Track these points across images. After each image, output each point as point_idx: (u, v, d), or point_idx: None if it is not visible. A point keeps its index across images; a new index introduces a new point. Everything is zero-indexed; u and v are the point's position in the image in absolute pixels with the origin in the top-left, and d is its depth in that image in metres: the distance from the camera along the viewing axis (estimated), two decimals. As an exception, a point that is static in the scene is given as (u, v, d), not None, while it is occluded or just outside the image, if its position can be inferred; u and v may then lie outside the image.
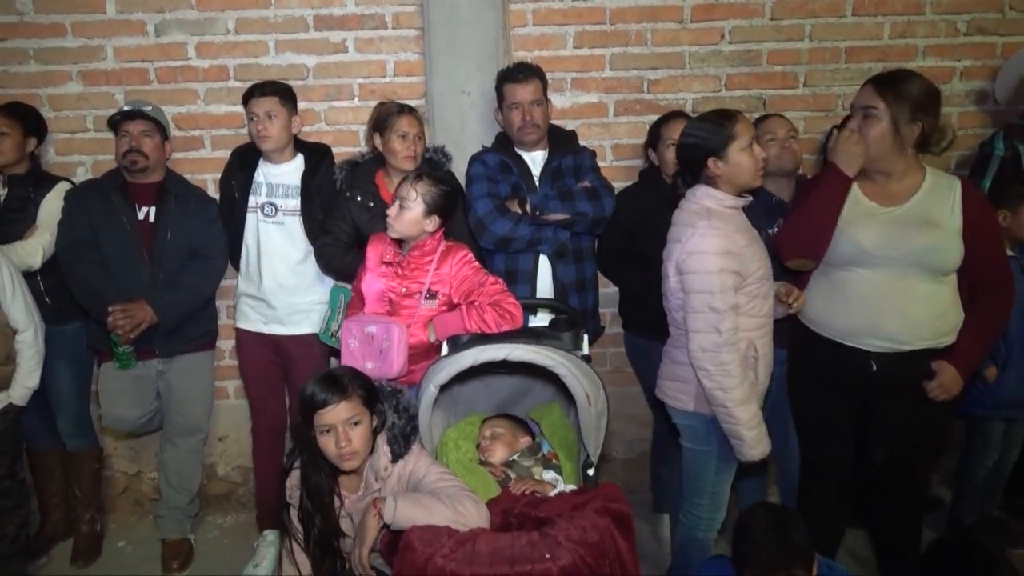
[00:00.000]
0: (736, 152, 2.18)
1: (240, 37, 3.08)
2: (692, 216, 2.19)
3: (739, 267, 2.12)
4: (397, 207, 2.33)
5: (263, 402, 3.01)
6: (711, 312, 2.08)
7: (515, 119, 2.73)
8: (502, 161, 2.77)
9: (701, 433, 2.28)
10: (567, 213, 2.64)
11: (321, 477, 1.97)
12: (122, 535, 3.29)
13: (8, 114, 2.84)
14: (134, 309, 2.69)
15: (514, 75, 2.73)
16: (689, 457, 2.36)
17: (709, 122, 2.23)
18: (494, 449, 2.23)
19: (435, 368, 2.04)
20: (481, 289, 2.37)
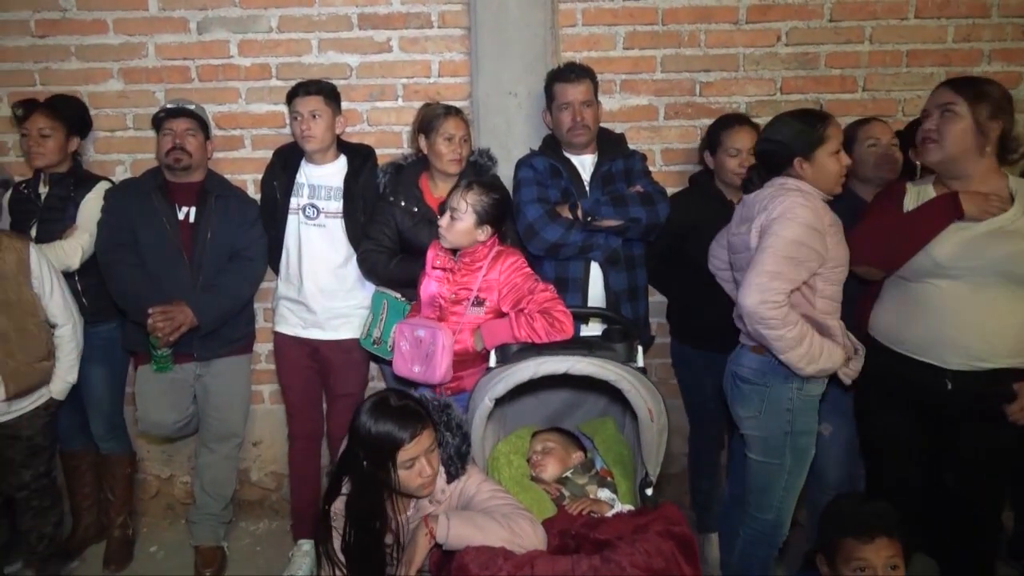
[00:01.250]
0: (824, 156, 2.14)
1: (283, 35, 3.02)
2: (780, 191, 2.18)
3: (820, 247, 2.10)
4: (448, 217, 2.26)
5: (300, 408, 2.94)
6: (768, 275, 2.06)
7: (565, 120, 2.64)
8: (551, 165, 2.68)
9: (773, 445, 2.21)
10: (620, 219, 2.55)
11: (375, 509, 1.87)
12: (154, 540, 3.23)
13: (52, 114, 2.79)
14: (174, 311, 2.63)
15: (565, 74, 2.65)
16: (758, 470, 2.29)
17: (800, 122, 2.20)
18: (546, 464, 2.14)
19: (489, 380, 1.95)
20: (531, 296, 2.29)
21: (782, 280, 2.08)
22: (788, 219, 2.10)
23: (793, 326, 2.10)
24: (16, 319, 2.48)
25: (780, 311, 2.08)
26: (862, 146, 2.60)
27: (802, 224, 2.09)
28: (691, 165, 3.06)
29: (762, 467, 2.27)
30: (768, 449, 2.25)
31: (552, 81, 2.69)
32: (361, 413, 1.87)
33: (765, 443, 2.25)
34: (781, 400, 2.21)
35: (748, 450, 2.31)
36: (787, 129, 2.21)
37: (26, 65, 3.05)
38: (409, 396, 1.92)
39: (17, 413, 2.54)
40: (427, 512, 1.88)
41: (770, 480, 2.26)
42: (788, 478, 2.24)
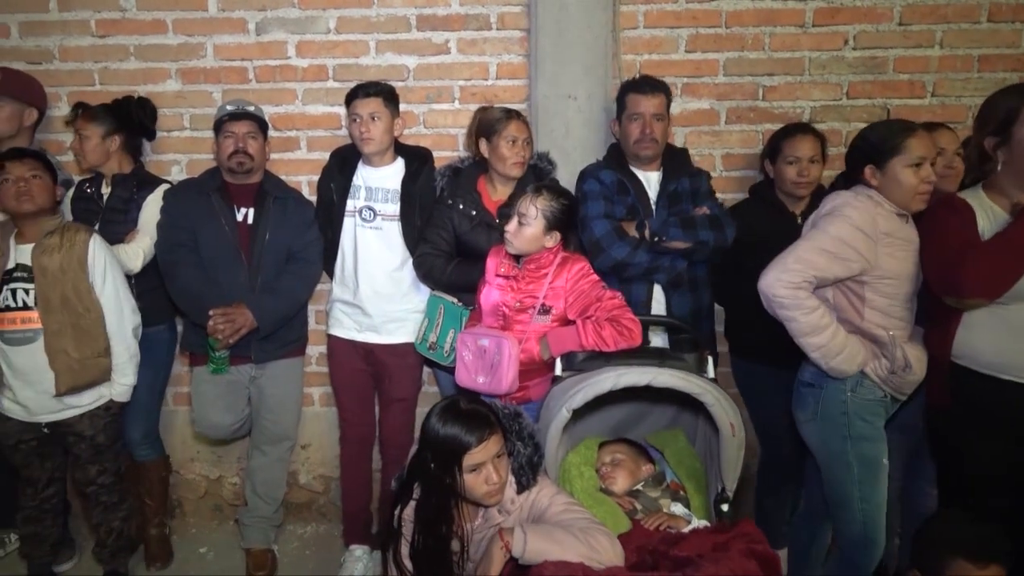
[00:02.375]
0: (898, 166, 2.07)
1: (341, 36, 3.00)
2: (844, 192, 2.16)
3: (866, 251, 2.06)
4: (516, 223, 2.24)
5: (352, 411, 2.92)
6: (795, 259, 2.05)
7: (634, 131, 2.58)
8: (619, 180, 2.62)
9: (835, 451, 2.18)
10: (688, 241, 2.49)
11: (442, 515, 1.83)
12: (203, 540, 3.23)
13: (90, 117, 2.79)
14: (235, 313, 2.61)
15: (640, 86, 2.59)
16: (828, 481, 2.25)
17: (883, 128, 2.16)
18: (616, 477, 2.09)
19: (566, 390, 1.91)
20: (599, 303, 2.25)
21: (805, 265, 2.06)
22: (835, 216, 2.08)
23: (809, 312, 2.07)
24: (73, 313, 2.48)
25: (791, 292, 2.06)
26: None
27: (849, 223, 2.06)
28: (752, 171, 3.00)
29: (831, 477, 2.23)
30: (830, 456, 2.21)
31: (626, 91, 2.63)
32: (432, 415, 1.85)
33: (826, 449, 2.22)
34: (835, 403, 2.18)
35: (816, 458, 2.28)
36: (869, 134, 2.18)
37: (86, 65, 3.06)
38: (480, 401, 1.89)
39: (75, 412, 2.54)
40: (496, 522, 1.84)
41: (843, 491, 2.21)
42: (860, 488, 2.18)
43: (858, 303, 2.14)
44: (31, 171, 2.44)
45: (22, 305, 2.45)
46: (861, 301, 2.14)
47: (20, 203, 2.42)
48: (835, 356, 2.08)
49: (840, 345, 2.08)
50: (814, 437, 2.26)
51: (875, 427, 2.20)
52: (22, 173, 2.42)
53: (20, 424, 2.53)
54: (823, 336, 2.07)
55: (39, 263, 2.44)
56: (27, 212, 2.44)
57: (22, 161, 2.44)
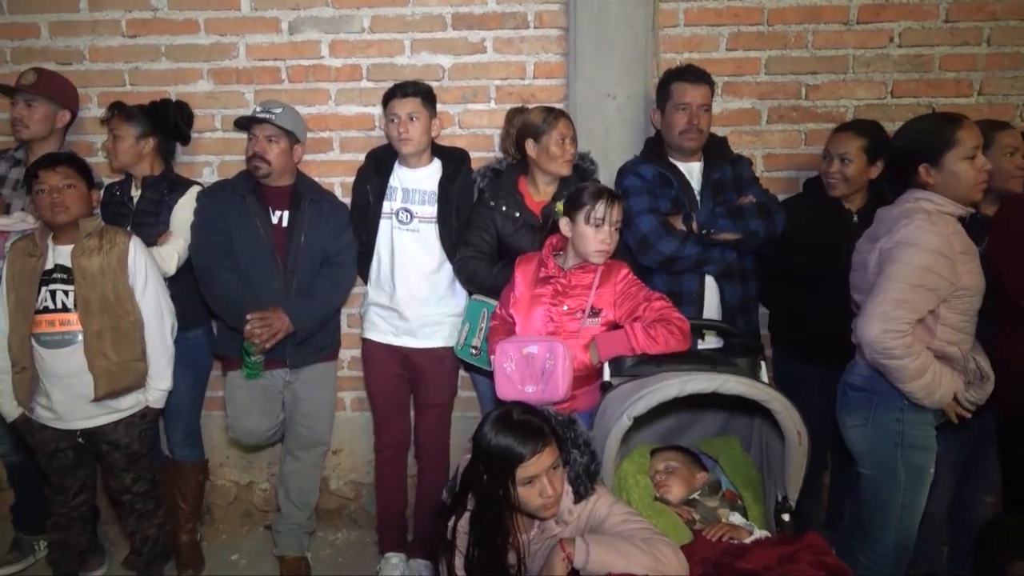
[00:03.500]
0: (954, 160, 2.02)
1: (375, 36, 2.96)
2: (907, 211, 2.09)
3: (949, 274, 2.01)
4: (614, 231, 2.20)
5: (388, 417, 2.87)
6: (893, 304, 1.99)
7: (679, 121, 2.53)
8: (660, 173, 2.57)
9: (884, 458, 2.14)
10: (737, 232, 2.44)
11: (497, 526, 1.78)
12: (234, 547, 3.18)
13: (126, 117, 2.75)
14: (272, 318, 2.57)
15: (687, 74, 2.54)
16: (870, 486, 2.20)
17: (927, 125, 2.12)
18: (670, 485, 2.03)
19: (625, 397, 1.85)
20: (647, 304, 2.21)
21: (906, 309, 2.01)
22: (912, 245, 2.01)
23: (916, 356, 2.02)
24: (112, 316, 2.43)
25: (903, 341, 2.01)
26: (1000, 154, 2.42)
27: (928, 250, 2.00)
28: (792, 171, 2.94)
29: (874, 482, 2.19)
30: (878, 462, 2.17)
31: (671, 80, 2.58)
32: (484, 425, 1.79)
33: (874, 456, 2.18)
34: (889, 410, 2.13)
35: (859, 465, 2.24)
36: (912, 134, 2.13)
37: (116, 65, 3.02)
38: (534, 411, 1.83)
39: (110, 419, 2.49)
40: (553, 533, 1.79)
41: (885, 497, 2.17)
42: (904, 495, 2.14)
43: (931, 321, 2.08)
44: (65, 180, 2.37)
45: (61, 307, 2.40)
46: (935, 319, 2.08)
47: (55, 214, 2.37)
48: (937, 390, 2.04)
49: (939, 377, 2.04)
50: (862, 442, 2.22)
51: (927, 435, 2.16)
52: (56, 183, 2.36)
53: (56, 433, 2.49)
54: (928, 374, 2.03)
55: (79, 264, 2.40)
56: (62, 223, 2.39)
57: (56, 170, 2.37)
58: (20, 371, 2.43)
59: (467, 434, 3.02)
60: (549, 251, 2.31)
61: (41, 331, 2.40)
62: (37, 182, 2.36)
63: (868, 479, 2.22)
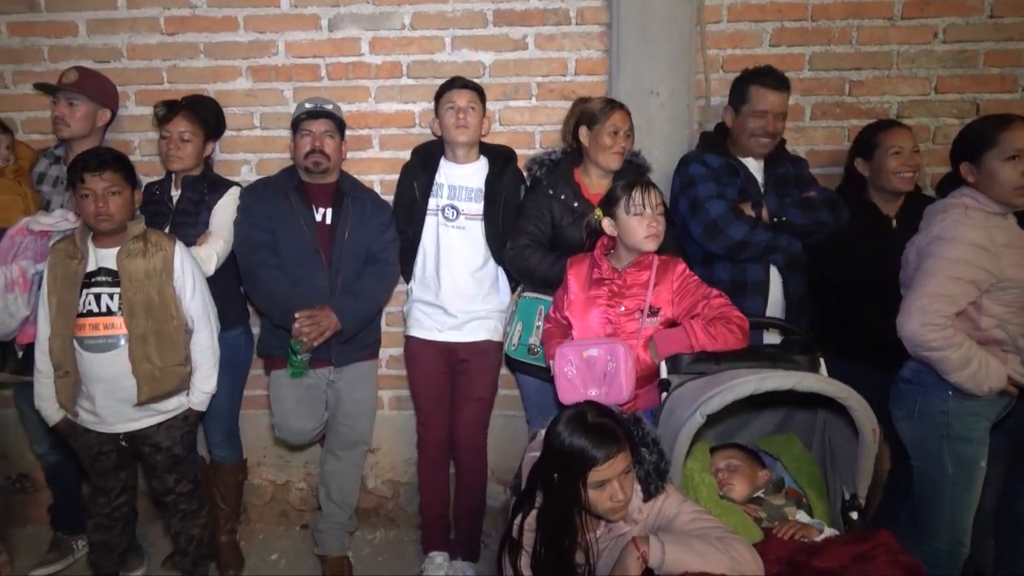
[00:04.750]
0: (993, 161, 2.06)
1: (416, 32, 2.94)
2: (946, 206, 2.13)
3: (990, 266, 2.03)
4: (655, 215, 2.17)
5: (431, 415, 2.84)
6: (931, 298, 2.02)
7: (754, 126, 2.50)
8: (727, 163, 2.56)
9: (931, 450, 2.15)
10: (808, 221, 2.44)
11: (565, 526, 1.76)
12: (272, 547, 3.17)
13: (193, 117, 2.73)
14: (320, 316, 2.55)
15: (768, 79, 2.49)
16: (921, 480, 2.21)
17: (977, 123, 2.16)
18: (733, 483, 2.01)
19: (696, 394, 1.83)
20: (706, 302, 2.20)
21: (944, 302, 2.03)
22: (948, 239, 2.05)
23: (958, 347, 2.04)
24: (157, 320, 2.39)
25: (942, 333, 2.03)
26: None
27: (965, 243, 2.03)
28: (834, 168, 2.92)
29: (924, 476, 2.21)
30: (927, 455, 2.19)
31: (750, 82, 2.53)
32: (558, 424, 1.78)
33: (923, 447, 2.20)
34: (935, 402, 2.15)
35: (911, 458, 2.26)
36: (967, 130, 2.16)
37: (154, 63, 3.00)
38: (609, 412, 1.81)
39: (153, 421, 2.46)
40: (622, 532, 1.77)
41: (934, 491, 2.17)
42: (955, 489, 2.15)
43: (974, 312, 2.11)
44: (110, 186, 2.31)
45: (105, 310, 2.36)
46: (978, 311, 2.11)
47: (98, 222, 2.32)
48: (985, 379, 2.05)
49: (985, 365, 2.05)
50: (910, 435, 2.25)
51: (976, 428, 2.16)
52: (100, 189, 2.30)
53: (99, 436, 2.46)
54: (973, 364, 2.04)
55: (124, 267, 2.35)
56: (105, 231, 2.36)
57: (102, 176, 2.30)
58: (63, 375, 2.40)
59: (505, 433, 3.06)
60: (602, 251, 2.29)
61: (84, 335, 2.35)
62: (82, 185, 2.30)
63: (918, 473, 2.24)
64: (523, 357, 2.58)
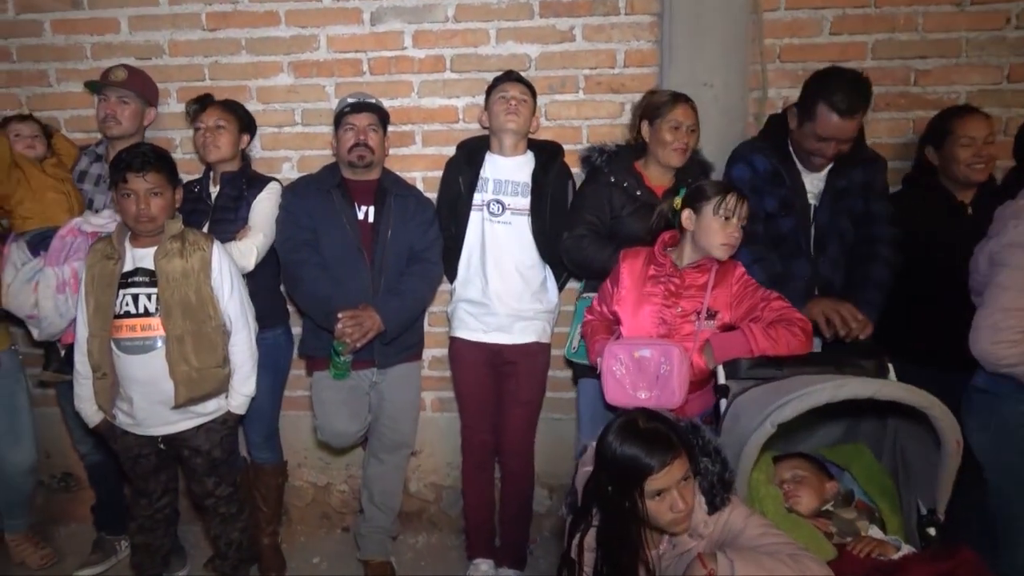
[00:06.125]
0: None
1: (460, 25, 2.86)
2: (1018, 210, 2.00)
3: None
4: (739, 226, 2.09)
5: (476, 418, 2.77)
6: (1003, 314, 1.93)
7: (813, 147, 2.33)
8: (775, 169, 2.42)
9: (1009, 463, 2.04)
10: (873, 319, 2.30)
11: (625, 542, 1.67)
12: (313, 550, 3.13)
13: (225, 108, 2.72)
14: (363, 316, 2.48)
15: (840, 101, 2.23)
16: (997, 495, 2.09)
17: None
18: (800, 495, 1.90)
19: (765, 402, 1.73)
20: (765, 304, 2.09)
21: (1018, 317, 1.93)
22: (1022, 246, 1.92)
23: None
24: (195, 321, 2.34)
25: (1017, 349, 1.93)
26: None
27: None
28: (899, 162, 2.78)
29: (1001, 491, 2.08)
30: (1002, 469, 2.07)
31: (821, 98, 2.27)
32: (608, 433, 1.69)
33: (998, 461, 2.07)
34: (1012, 413, 2.03)
35: (985, 472, 2.12)
36: None
37: (196, 60, 2.97)
38: (661, 418, 1.72)
39: (191, 423, 2.42)
40: (687, 547, 1.68)
41: (1012, 508, 2.05)
42: None
43: None
44: (153, 187, 2.27)
45: (143, 311, 2.32)
46: None
47: (139, 223, 2.29)
48: None
49: None
50: (985, 448, 2.10)
51: None
52: (143, 191, 2.26)
53: (138, 439, 2.42)
54: None
55: (161, 267, 2.31)
56: (145, 233, 2.33)
57: (145, 177, 2.26)
58: (101, 377, 2.36)
59: (551, 437, 2.97)
60: (662, 247, 2.20)
61: (121, 336, 2.31)
62: (124, 185, 2.26)
63: (995, 488, 2.10)
64: (583, 359, 2.49)
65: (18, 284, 2.53)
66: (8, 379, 2.76)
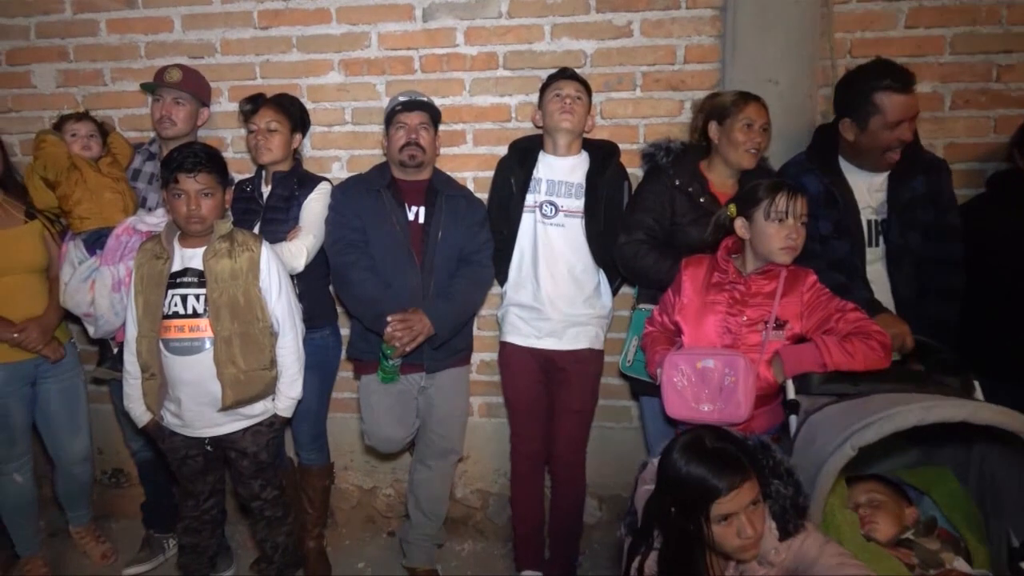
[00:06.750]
0: None
1: (513, 21, 2.78)
2: None
3: None
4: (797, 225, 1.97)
5: (526, 425, 2.69)
6: None
7: (891, 138, 2.20)
8: (828, 191, 2.29)
9: None
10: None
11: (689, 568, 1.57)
12: (358, 554, 3.08)
13: (278, 109, 2.67)
14: (413, 320, 2.42)
15: (892, 81, 2.16)
16: None
17: None
18: (877, 521, 1.78)
19: (844, 423, 1.61)
20: (840, 315, 1.97)
21: None
22: None
23: None
24: (242, 322, 2.31)
25: None
26: None
27: None
28: (977, 163, 2.62)
29: None
30: None
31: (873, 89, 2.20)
32: (672, 452, 1.59)
33: None
34: None
35: None
36: None
37: (247, 58, 2.95)
38: (730, 436, 1.61)
39: (238, 426, 2.39)
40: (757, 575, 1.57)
41: None
42: None
43: None
44: (204, 188, 2.25)
45: (191, 312, 2.29)
46: None
47: (189, 224, 2.26)
48: None
49: None
50: None
51: None
52: (194, 191, 2.23)
53: (186, 440, 2.40)
54: None
55: (209, 267, 2.29)
56: (195, 233, 2.30)
57: (196, 178, 2.23)
58: (150, 377, 2.34)
59: (602, 446, 2.87)
60: (725, 253, 2.09)
61: (169, 337, 2.29)
62: (175, 185, 2.24)
63: None
64: (639, 374, 2.40)
65: (75, 283, 2.55)
66: (71, 370, 2.80)
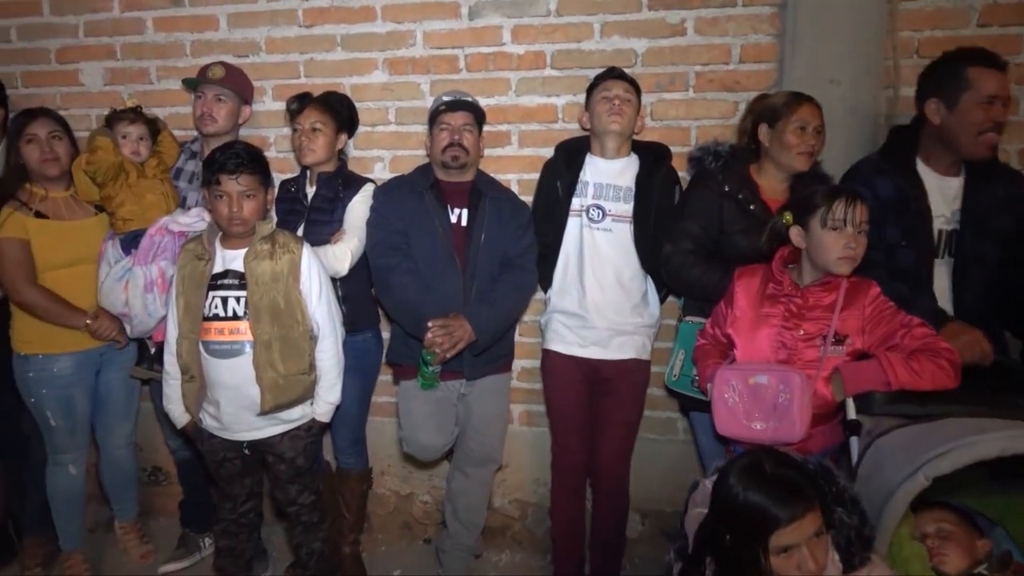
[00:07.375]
0: None
1: (562, 19, 2.70)
2: None
3: None
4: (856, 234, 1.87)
5: (569, 436, 2.60)
6: None
7: (984, 117, 2.07)
8: (900, 194, 2.16)
9: None
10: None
11: None
12: (394, 561, 3.03)
13: (324, 108, 2.62)
14: (454, 326, 2.36)
15: (986, 57, 2.08)
16: None
17: None
18: (946, 553, 1.66)
19: (917, 448, 1.50)
20: (906, 331, 1.85)
21: None
22: None
23: None
24: (282, 326, 2.27)
25: None
26: None
27: None
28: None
29: None
30: None
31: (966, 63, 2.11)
32: (729, 476, 1.50)
33: None
34: None
35: None
36: None
37: (291, 56, 2.92)
38: (791, 462, 1.51)
39: (276, 430, 2.36)
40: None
41: None
42: None
43: None
44: (246, 190, 2.21)
45: (232, 315, 2.26)
46: None
47: (231, 226, 2.23)
48: None
49: None
50: None
51: None
52: (235, 193, 2.20)
53: (224, 442, 2.37)
54: None
55: (250, 269, 2.25)
56: (236, 234, 2.27)
57: (238, 180, 2.19)
58: (189, 379, 2.32)
59: (645, 458, 2.77)
60: (780, 263, 1.98)
61: (210, 339, 2.26)
62: (217, 187, 2.21)
63: None
64: (684, 389, 2.31)
65: (110, 282, 2.54)
66: (131, 360, 2.77)
